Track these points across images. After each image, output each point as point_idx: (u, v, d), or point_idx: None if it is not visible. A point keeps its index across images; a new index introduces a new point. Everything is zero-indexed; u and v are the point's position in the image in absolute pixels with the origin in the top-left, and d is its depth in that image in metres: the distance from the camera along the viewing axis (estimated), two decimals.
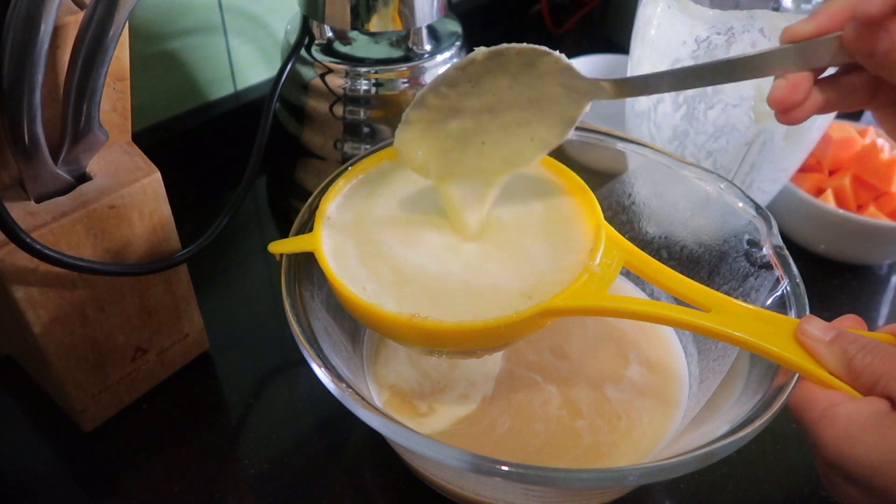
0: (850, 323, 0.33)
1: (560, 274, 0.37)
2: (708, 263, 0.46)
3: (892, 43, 0.27)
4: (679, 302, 0.36)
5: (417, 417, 0.42)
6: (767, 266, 0.41)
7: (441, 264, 0.38)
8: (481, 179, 0.39)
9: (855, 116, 0.66)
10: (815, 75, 0.31)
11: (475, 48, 0.35)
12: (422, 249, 0.38)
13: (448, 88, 0.36)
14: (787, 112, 0.31)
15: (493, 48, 0.35)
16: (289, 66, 0.54)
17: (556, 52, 0.35)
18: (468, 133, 0.38)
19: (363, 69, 0.54)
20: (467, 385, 0.43)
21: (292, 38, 0.55)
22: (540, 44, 0.35)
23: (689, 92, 0.50)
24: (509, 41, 0.35)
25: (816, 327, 0.32)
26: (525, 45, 0.35)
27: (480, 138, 0.38)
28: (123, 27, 0.34)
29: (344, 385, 0.33)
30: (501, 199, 0.41)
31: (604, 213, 0.40)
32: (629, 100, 0.57)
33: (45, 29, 0.31)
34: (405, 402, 0.43)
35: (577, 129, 0.48)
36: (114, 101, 0.39)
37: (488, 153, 0.38)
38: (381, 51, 0.55)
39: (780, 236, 0.41)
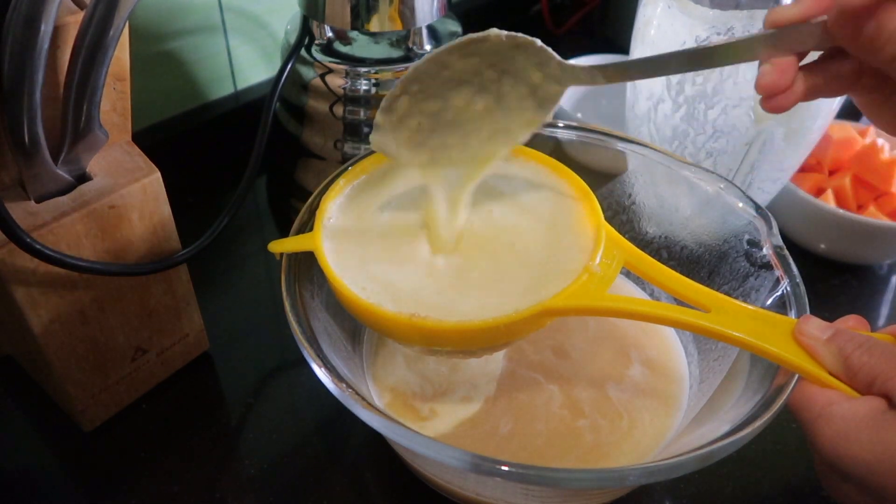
0: (853, 323, 0.33)
1: (560, 273, 0.37)
2: (708, 263, 0.46)
3: (876, 28, 0.27)
4: (679, 302, 0.36)
5: (419, 421, 0.42)
6: (767, 266, 0.41)
7: (441, 263, 0.38)
8: (467, 167, 0.38)
9: (855, 116, 0.66)
10: (799, 60, 0.31)
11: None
12: (423, 249, 0.38)
13: (430, 78, 0.36)
14: (774, 97, 0.31)
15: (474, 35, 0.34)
16: (289, 66, 0.54)
17: (538, 42, 0.34)
18: (448, 119, 0.37)
19: (363, 69, 0.54)
20: (469, 387, 0.43)
21: (292, 38, 0.55)
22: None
23: (689, 92, 0.50)
24: None
25: (814, 326, 0.32)
26: (506, 32, 0.34)
27: (461, 126, 0.38)
28: (123, 27, 0.34)
29: (344, 385, 0.33)
30: (501, 198, 0.41)
31: (604, 213, 0.40)
32: (629, 100, 0.57)
33: (45, 29, 0.31)
34: (407, 406, 0.43)
35: (578, 129, 0.48)
36: (114, 101, 0.39)
37: (472, 137, 0.38)
38: (381, 51, 0.55)
39: (780, 236, 0.41)
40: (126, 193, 0.39)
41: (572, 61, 0.35)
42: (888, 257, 0.61)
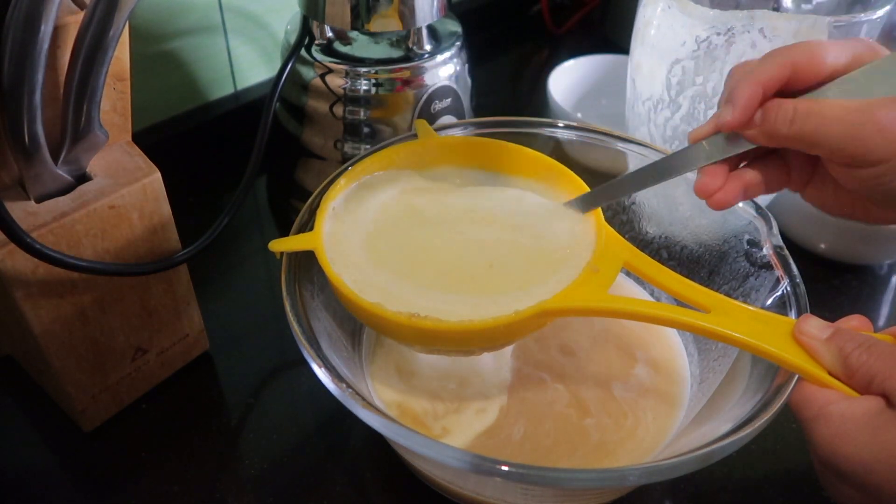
0: (856, 323, 0.33)
1: (560, 274, 0.37)
2: (708, 263, 0.46)
3: (767, 126, 0.32)
4: (679, 302, 0.36)
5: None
6: (767, 266, 0.41)
7: (441, 264, 0.38)
8: None
9: None
10: (730, 166, 0.35)
11: None
12: (422, 249, 0.38)
13: None
14: (712, 198, 0.35)
15: None
16: (289, 66, 0.54)
17: None
18: None
19: (363, 69, 0.54)
20: (482, 400, 0.42)
21: (292, 38, 0.55)
22: (540, 43, 0.35)
23: (689, 92, 0.50)
24: (510, 41, 0.35)
25: (814, 325, 0.32)
26: None
27: None
28: (123, 27, 0.34)
29: (344, 385, 0.33)
30: (502, 199, 0.41)
31: (604, 213, 0.40)
32: (629, 100, 0.57)
33: (45, 29, 0.31)
34: (417, 423, 0.41)
35: (578, 129, 0.48)
36: (114, 101, 0.39)
37: None
38: (381, 51, 0.55)
39: (780, 236, 0.41)
40: (126, 193, 0.39)
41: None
42: (888, 257, 0.61)
